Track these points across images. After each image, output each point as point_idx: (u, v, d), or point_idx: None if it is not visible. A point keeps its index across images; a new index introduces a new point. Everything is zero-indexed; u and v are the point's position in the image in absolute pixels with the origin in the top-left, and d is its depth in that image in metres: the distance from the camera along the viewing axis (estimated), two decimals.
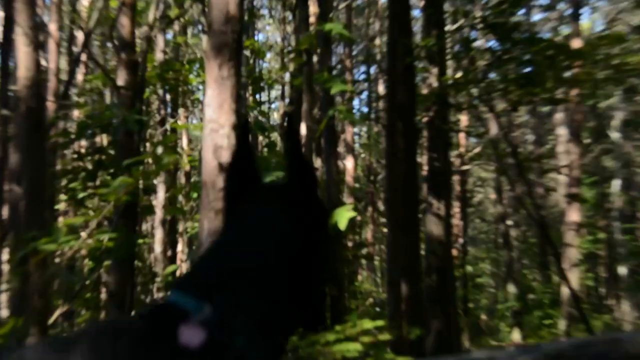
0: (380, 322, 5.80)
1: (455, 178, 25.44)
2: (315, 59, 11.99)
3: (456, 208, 28.21)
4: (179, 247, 24.65)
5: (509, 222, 27.13)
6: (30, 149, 4.75)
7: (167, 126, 16.71)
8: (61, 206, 15.46)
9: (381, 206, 31.70)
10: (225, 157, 4.12)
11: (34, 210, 4.67)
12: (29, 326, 4.56)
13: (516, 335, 23.63)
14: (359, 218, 30.77)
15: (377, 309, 23.76)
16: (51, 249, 4.10)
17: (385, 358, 5.73)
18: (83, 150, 12.51)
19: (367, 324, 5.69)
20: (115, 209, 4.65)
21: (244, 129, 1.87)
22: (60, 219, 17.96)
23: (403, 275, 11.98)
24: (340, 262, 10.37)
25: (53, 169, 12.17)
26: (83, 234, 4.40)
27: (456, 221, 27.66)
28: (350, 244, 20.68)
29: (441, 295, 13.20)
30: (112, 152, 11.72)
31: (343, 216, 9.08)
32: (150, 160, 5.77)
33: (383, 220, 30.82)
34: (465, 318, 14.82)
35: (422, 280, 13.34)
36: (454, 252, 24.95)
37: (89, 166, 12.68)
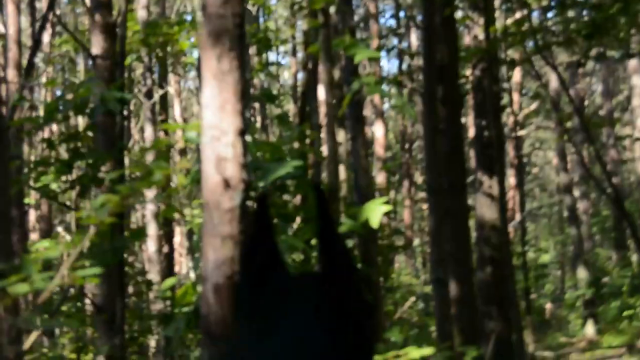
0: (428, 350, 5.72)
1: (509, 140, 25.26)
2: (332, 9, 11.83)
3: (511, 178, 28.06)
4: (177, 239, 24.71)
5: (576, 193, 26.97)
6: None
7: (156, 97, 16.64)
8: (31, 200, 15.48)
9: (419, 178, 31.61)
10: (231, 171, 4.03)
11: None
12: None
13: (590, 330, 23.54)
14: (392, 196, 30.68)
15: (421, 305, 23.74)
16: (23, 291, 4.04)
17: None
18: (55, 136, 12.46)
19: (413, 353, 5.62)
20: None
21: (261, 204, 1.75)
22: (33, 240, 18.01)
23: (450, 271, 11.90)
24: (373, 261, 10.30)
25: (20, 161, 12.15)
26: (63, 266, 4.33)
27: (511, 193, 27.53)
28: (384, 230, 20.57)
29: (498, 292, 13.12)
30: (90, 136, 11.68)
31: (375, 212, 8.99)
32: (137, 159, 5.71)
33: (422, 194, 30.76)
34: (527, 315, 14.76)
35: (473, 275, 13.25)
36: (510, 232, 24.85)
37: (64, 154, 12.63)
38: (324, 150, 11.00)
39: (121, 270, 11.64)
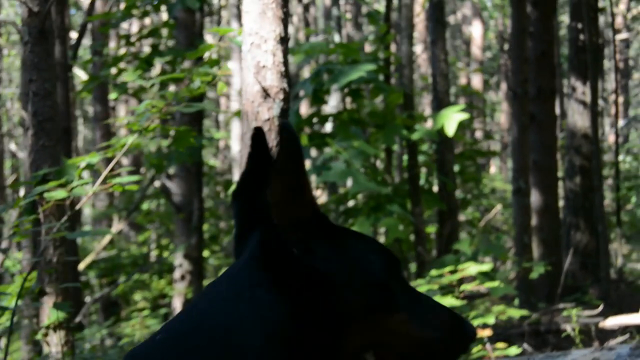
0: (486, 266, 5.61)
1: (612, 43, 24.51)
2: None
3: (614, 82, 27.32)
4: None
5: None
6: (35, 63, 4.67)
7: None
8: (115, 95, 15.67)
9: None
10: (270, 79, 3.95)
11: (44, 140, 4.64)
12: (44, 282, 4.61)
13: None
14: (490, 98, 30.21)
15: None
16: (60, 197, 4.07)
17: (493, 313, 5.59)
18: (134, 33, 12.52)
19: (471, 268, 5.53)
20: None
21: (257, 136, 1.60)
22: (119, 137, 18.26)
23: (534, 181, 11.72)
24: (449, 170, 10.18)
25: (98, 57, 12.25)
26: (103, 173, 4.34)
27: (613, 98, 26.84)
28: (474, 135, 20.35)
29: (586, 203, 12.88)
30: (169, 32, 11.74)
31: (450, 119, 8.85)
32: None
33: None
34: (617, 227, 14.45)
35: (558, 185, 13.02)
36: (611, 138, 24.28)
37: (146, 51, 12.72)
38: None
39: (199, 171, 11.80)
